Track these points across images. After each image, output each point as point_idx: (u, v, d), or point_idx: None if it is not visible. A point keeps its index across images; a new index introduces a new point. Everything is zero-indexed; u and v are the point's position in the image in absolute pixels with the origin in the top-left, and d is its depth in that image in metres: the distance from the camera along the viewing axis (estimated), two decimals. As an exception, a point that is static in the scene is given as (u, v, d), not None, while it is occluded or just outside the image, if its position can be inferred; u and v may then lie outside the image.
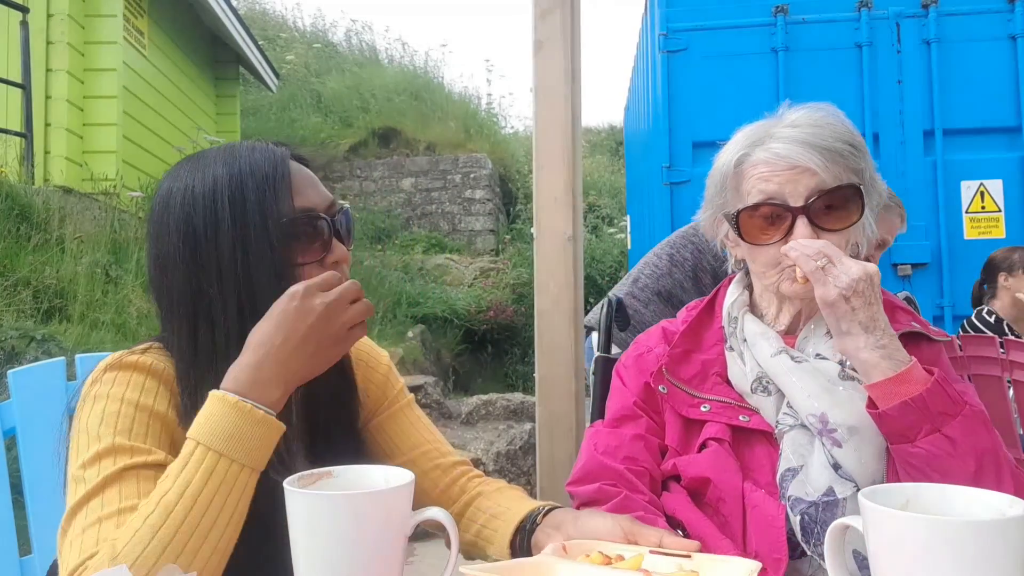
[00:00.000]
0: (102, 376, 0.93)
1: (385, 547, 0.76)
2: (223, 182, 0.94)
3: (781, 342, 1.15)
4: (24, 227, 4.35)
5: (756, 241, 1.14)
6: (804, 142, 1.09)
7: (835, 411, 1.06)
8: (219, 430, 0.83)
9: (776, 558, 1.03)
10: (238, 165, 0.95)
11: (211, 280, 0.92)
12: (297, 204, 0.96)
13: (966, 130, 3.89)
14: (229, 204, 0.93)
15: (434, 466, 1.13)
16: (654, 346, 1.26)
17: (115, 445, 0.87)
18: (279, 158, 0.98)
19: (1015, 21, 3.84)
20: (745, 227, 1.14)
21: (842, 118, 1.15)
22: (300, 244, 0.95)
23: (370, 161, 9.69)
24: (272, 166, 0.96)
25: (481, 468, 4.86)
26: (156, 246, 0.97)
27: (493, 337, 7.76)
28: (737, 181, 1.15)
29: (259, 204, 0.93)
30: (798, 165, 1.08)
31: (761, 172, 1.11)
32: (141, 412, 0.90)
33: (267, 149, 0.99)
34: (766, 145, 1.12)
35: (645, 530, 0.88)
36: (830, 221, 1.10)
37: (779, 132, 1.12)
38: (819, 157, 1.08)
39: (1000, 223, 3.86)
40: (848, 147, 1.11)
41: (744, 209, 1.13)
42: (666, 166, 4.01)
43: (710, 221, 1.24)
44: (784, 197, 1.10)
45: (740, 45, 4.01)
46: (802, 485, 1.06)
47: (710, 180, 1.22)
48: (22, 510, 1.34)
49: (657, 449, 1.19)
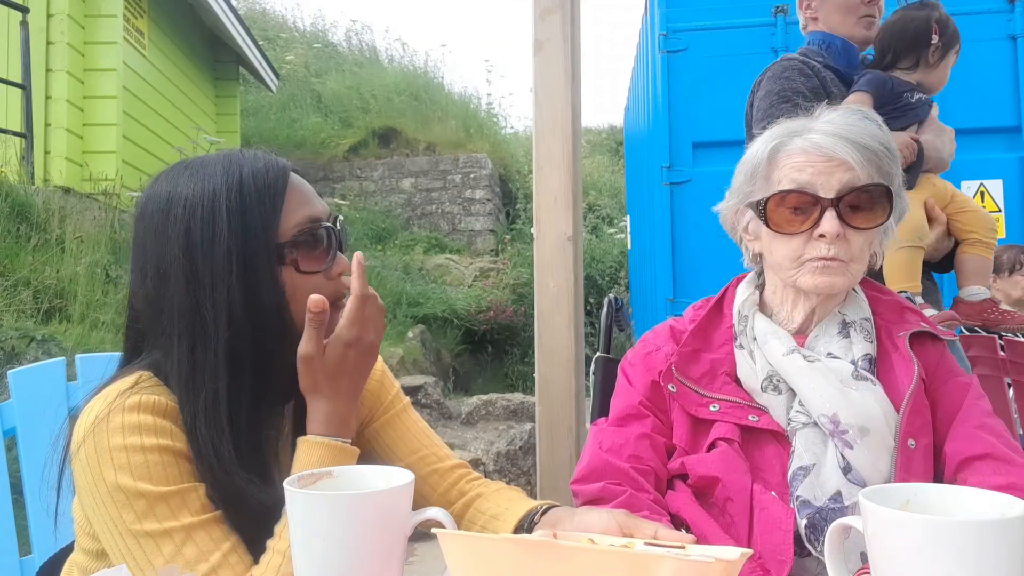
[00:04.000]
0: (107, 424, 0.87)
1: (385, 547, 0.76)
2: (222, 192, 0.92)
3: (793, 341, 1.16)
4: (24, 227, 4.35)
5: (781, 229, 1.14)
6: (843, 136, 1.10)
7: (847, 412, 1.07)
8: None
9: (781, 559, 1.03)
10: (239, 174, 0.94)
11: (207, 293, 0.90)
12: (301, 213, 0.96)
13: (966, 130, 3.87)
14: (227, 213, 0.91)
15: (432, 471, 1.13)
16: (662, 344, 1.26)
17: (164, 493, 0.85)
18: (281, 168, 0.97)
19: (1015, 21, 3.83)
20: (772, 214, 1.14)
21: (879, 122, 1.16)
22: (304, 253, 0.95)
23: (370, 161, 9.69)
24: (275, 176, 0.95)
25: (481, 468, 4.87)
26: (155, 255, 0.93)
27: (493, 337, 7.76)
28: (769, 169, 1.15)
29: (261, 214, 0.92)
30: (835, 157, 1.09)
31: (796, 161, 1.12)
32: (168, 455, 0.88)
33: (270, 159, 0.98)
34: (805, 135, 1.13)
35: (640, 523, 0.87)
36: (857, 219, 1.11)
37: (817, 126, 1.13)
38: (856, 152, 1.09)
39: (1000, 223, 3.86)
40: (884, 149, 1.12)
41: (774, 195, 1.13)
42: (666, 166, 4.00)
43: (732, 211, 1.24)
44: (816, 188, 1.10)
45: (740, 45, 4.01)
46: (812, 486, 1.06)
47: (740, 169, 1.22)
48: (22, 510, 1.34)
49: (663, 448, 1.18)
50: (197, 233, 0.91)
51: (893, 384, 1.12)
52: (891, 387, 1.12)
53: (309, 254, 0.96)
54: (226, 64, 8.79)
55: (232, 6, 8.15)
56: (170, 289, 0.91)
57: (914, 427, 1.08)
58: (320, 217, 0.98)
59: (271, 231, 0.93)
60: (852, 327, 1.17)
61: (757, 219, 1.18)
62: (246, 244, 0.91)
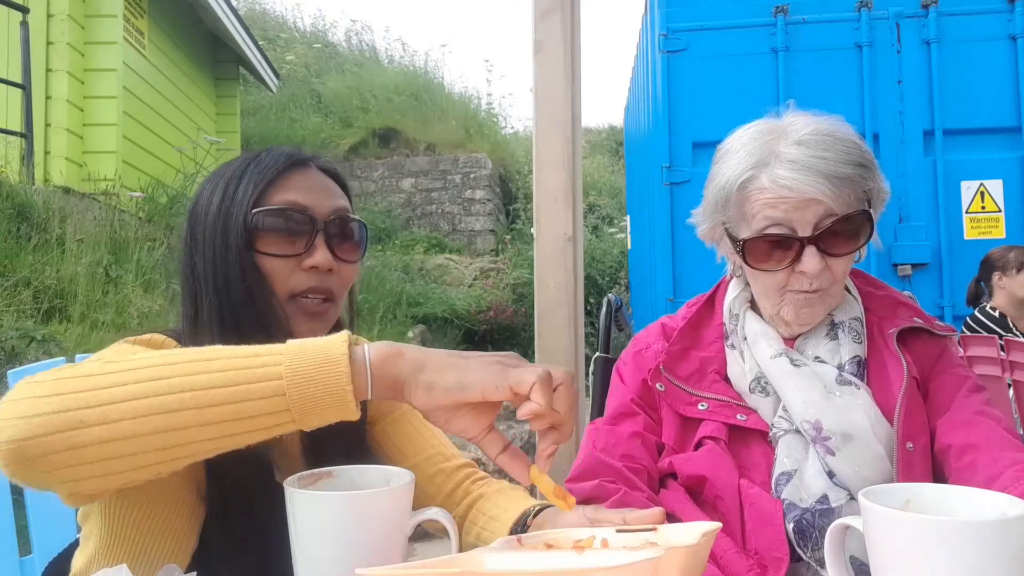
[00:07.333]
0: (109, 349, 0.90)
1: (385, 547, 0.76)
2: (232, 168, 0.99)
3: (782, 343, 1.15)
4: (24, 227, 4.35)
5: (762, 267, 1.11)
6: (812, 168, 1.03)
7: (830, 419, 1.06)
8: (303, 362, 0.71)
9: (777, 556, 1.02)
10: (255, 155, 1.00)
11: (199, 256, 0.96)
12: (284, 197, 0.97)
13: (966, 130, 3.89)
14: (225, 185, 0.97)
15: (438, 471, 1.13)
16: (653, 343, 1.25)
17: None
18: (282, 154, 1.01)
19: (1015, 21, 3.83)
20: (750, 253, 1.10)
21: (850, 133, 1.10)
22: (272, 235, 0.96)
23: (370, 161, 9.68)
24: (273, 160, 0.99)
25: (481, 468, 4.85)
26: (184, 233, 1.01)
27: (493, 337, 7.76)
28: (741, 200, 1.10)
29: (245, 189, 0.96)
30: (805, 194, 1.03)
31: (767, 198, 1.06)
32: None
33: (283, 150, 1.03)
34: (771, 169, 1.06)
35: (608, 513, 0.86)
36: (838, 246, 1.07)
37: (785, 152, 1.05)
38: (828, 186, 1.03)
39: (1000, 223, 3.86)
40: (858, 169, 1.06)
41: (750, 238, 1.09)
42: (666, 166, 4.01)
43: (708, 230, 1.20)
44: (792, 224, 1.06)
45: (740, 45, 4.01)
46: (796, 490, 1.05)
47: (710, 191, 1.16)
48: (22, 510, 1.34)
49: (655, 447, 1.18)
50: (203, 200, 0.98)
51: (886, 384, 1.11)
52: (884, 387, 1.11)
53: (274, 236, 0.96)
54: (226, 64, 8.80)
55: (232, 6, 8.15)
56: (183, 256, 0.99)
57: (911, 429, 1.07)
58: (301, 204, 0.98)
59: (250, 207, 0.95)
60: (841, 328, 1.15)
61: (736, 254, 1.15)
62: (229, 215, 0.95)
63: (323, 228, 0.98)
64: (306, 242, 0.97)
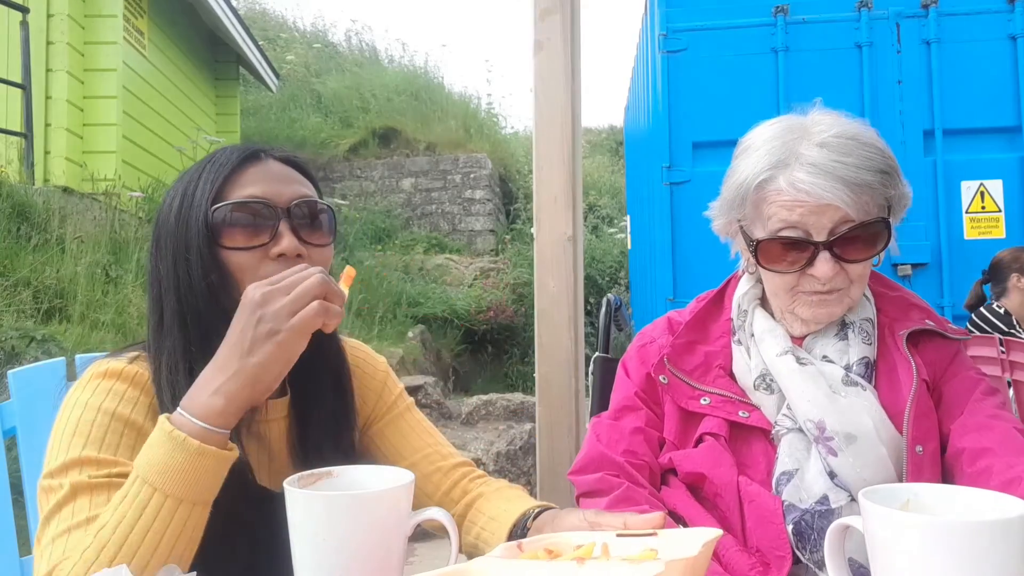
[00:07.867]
0: (86, 383, 0.94)
1: (385, 547, 0.76)
2: (188, 174, 0.99)
3: (789, 341, 1.14)
4: (24, 227, 4.35)
5: (775, 268, 1.10)
6: (831, 173, 1.02)
7: (834, 419, 1.05)
8: (156, 461, 0.79)
9: (780, 556, 1.02)
10: (206, 159, 1.00)
11: (161, 260, 0.97)
12: (244, 191, 0.96)
13: (966, 130, 3.88)
14: (184, 187, 0.98)
15: (435, 469, 1.12)
16: (658, 336, 1.24)
17: (82, 458, 0.86)
18: (236, 150, 1.00)
19: (1015, 21, 3.83)
20: (764, 253, 1.10)
21: (874, 138, 1.08)
22: (235, 229, 0.95)
23: (370, 161, 9.69)
24: (227, 157, 0.99)
25: (481, 468, 4.85)
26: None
27: (493, 337, 7.76)
28: (758, 200, 1.09)
29: (203, 188, 0.96)
30: (823, 199, 1.02)
31: (784, 200, 1.05)
32: (116, 422, 0.90)
33: (237, 146, 1.02)
34: (791, 171, 1.04)
35: (608, 517, 0.86)
36: (852, 252, 1.06)
37: (806, 154, 1.04)
38: (847, 192, 1.01)
39: (1000, 223, 3.86)
40: (879, 176, 1.05)
41: (764, 240, 1.09)
42: (666, 166, 4.00)
43: (724, 225, 1.19)
44: (807, 228, 1.05)
45: (740, 45, 4.01)
46: (796, 490, 1.05)
47: (728, 186, 1.15)
48: (22, 510, 1.34)
49: (656, 442, 1.18)
50: (165, 206, 0.99)
51: (895, 386, 1.10)
52: (893, 389, 1.10)
53: (237, 230, 0.95)
54: (226, 64, 8.80)
55: (232, 6, 8.15)
56: (149, 264, 1.01)
57: (921, 432, 1.06)
58: (259, 195, 0.96)
59: (208, 204, 0.95)
60: (851, 328, 1.14)
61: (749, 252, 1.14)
62: (189, 216, 0.95)
63: (286, 215, 0.97)
64: (270, 231, 0.96)
